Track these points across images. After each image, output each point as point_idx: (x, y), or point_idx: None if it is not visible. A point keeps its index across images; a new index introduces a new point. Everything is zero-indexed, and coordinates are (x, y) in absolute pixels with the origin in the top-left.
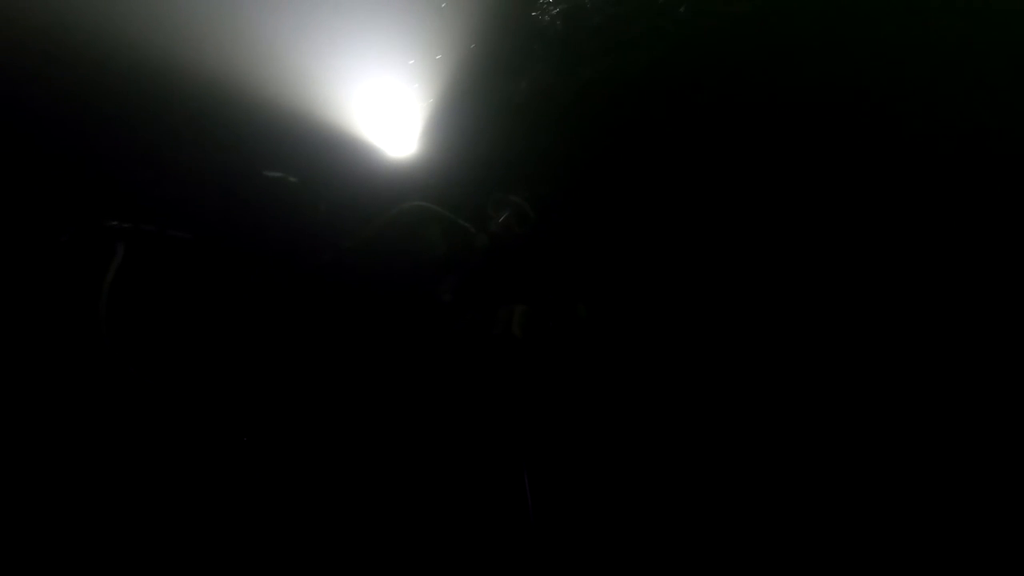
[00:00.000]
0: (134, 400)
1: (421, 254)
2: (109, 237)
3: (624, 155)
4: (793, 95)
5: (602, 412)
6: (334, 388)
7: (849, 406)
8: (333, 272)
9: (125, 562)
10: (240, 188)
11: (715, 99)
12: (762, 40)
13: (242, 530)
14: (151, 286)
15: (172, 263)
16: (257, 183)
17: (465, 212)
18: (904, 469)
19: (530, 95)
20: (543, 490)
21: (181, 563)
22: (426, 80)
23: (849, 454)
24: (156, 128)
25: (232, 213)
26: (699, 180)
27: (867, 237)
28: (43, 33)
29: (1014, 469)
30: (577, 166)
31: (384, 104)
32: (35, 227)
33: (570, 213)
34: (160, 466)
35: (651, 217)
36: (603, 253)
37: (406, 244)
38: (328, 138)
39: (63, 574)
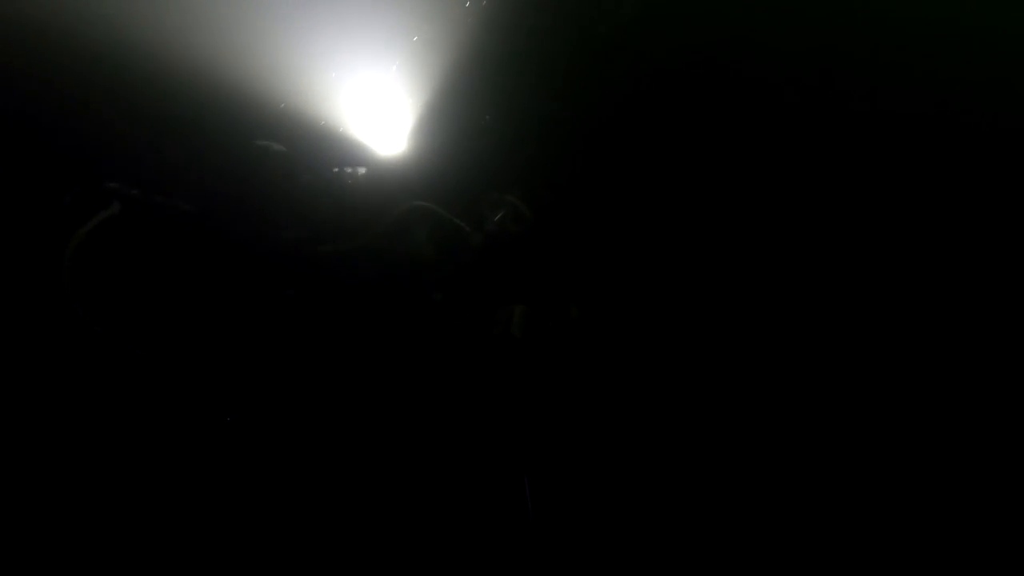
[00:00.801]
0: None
1: (411, 253)
2: (112, 199)
3: (623, 154)
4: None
5: (601, 413)
6: (326, 384)
7: (848, 408)
8: (326, 269)
9: (102, 543)
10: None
11: (719, 97)
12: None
13: (229, 525)
14: (147, 254)
15: (171, 233)
16: (245, 163)
17: (460, 211)
18: (904, 469)
19: (527, 93)
20: (542, 491)
21: (157, 546)
22: (420, 77)
23: (848, 455)
24: (152, 121)
25: (222, 191)
26: (698, 180)
27: (874, 249)
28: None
29: (1014, 469)
30: (575, 165)
31: (376, 100)
32: (38, 188)
33: (567, 212)
34: (136, 437)
35: (649, 217)
36: (601, 253)
37: (396, 243)
38: (319, 135)
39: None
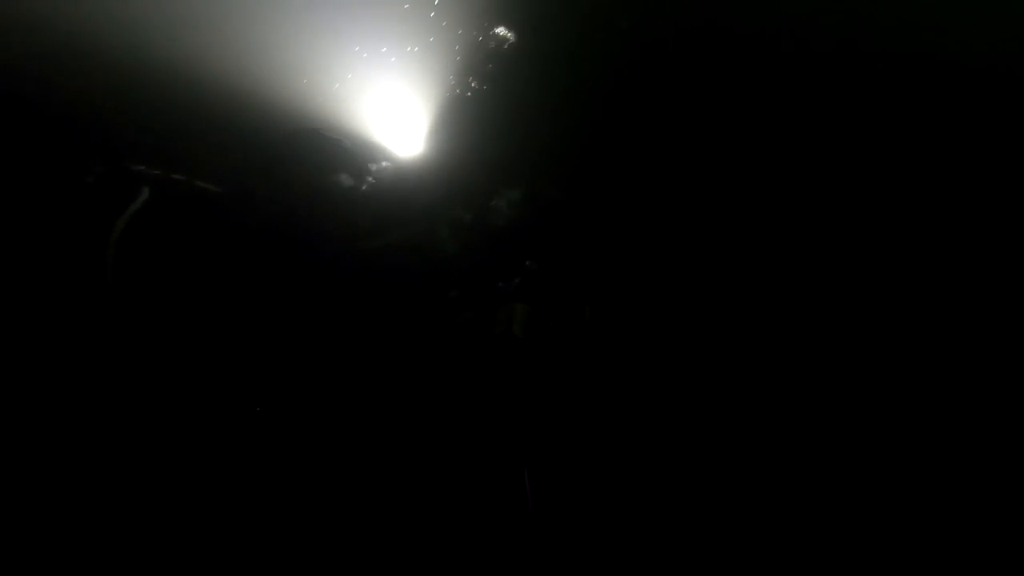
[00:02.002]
0: (137, 347)
1: (436, 251)
2: (135, 181)
3: (629, 150)
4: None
5: (603, 413)
6: (335, 378)
7: (851, 409)
8: (345, 265)
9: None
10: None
11: (724, 91)
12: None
13: (236, 520)
14: (172, 235)
15: (196, 214)
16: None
17: (468, 207)
18: (904, 469)
19: (534, 89)
20: (543, 490)
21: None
22: (428, 77)
23: (849, 455)
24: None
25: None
26: (706, 176)
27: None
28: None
29: (1014, 469)
30: (581, 161)
31: (385, 101)
32: (63, 167)
33: (573, 209)
34: (152, 417)
35: (657, 215)
36: (607, 252)
37: (423, 241)
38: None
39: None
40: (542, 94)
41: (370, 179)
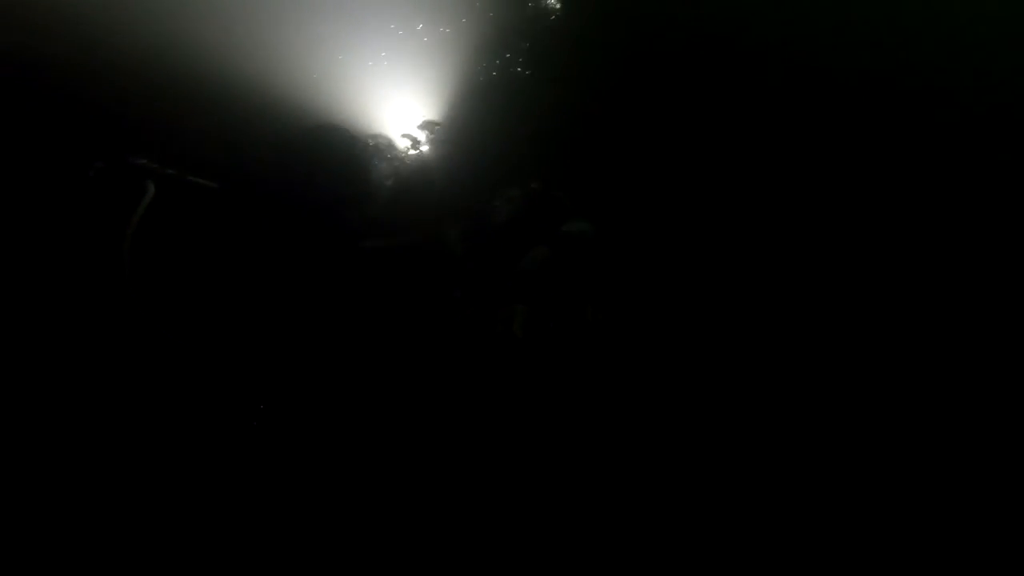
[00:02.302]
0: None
1: (444, 252)
2: (136, 175)
3: (636, 150)
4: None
5: (603, 413)
6: (338, 376)
7: (851, 407)
8: (350, 262)
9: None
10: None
11: (735, 95)
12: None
13: (238, 518)
14: (169, 232)
15: (194, 210)
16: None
17: (478, 206)
18: (904, 469)
19: (538, 87)
20: (543, 490)
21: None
22: (459, 59)
23: (851, 457)
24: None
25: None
26: (711, 176)
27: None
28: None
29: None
30: (587, 159)
31: (416, 82)
32: (63, 161)
33: (578, 207)
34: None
35: (662, 214)
36: (611, 251)
37: (431, 242)
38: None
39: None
40: (559, 89)
41: (387, 179)
